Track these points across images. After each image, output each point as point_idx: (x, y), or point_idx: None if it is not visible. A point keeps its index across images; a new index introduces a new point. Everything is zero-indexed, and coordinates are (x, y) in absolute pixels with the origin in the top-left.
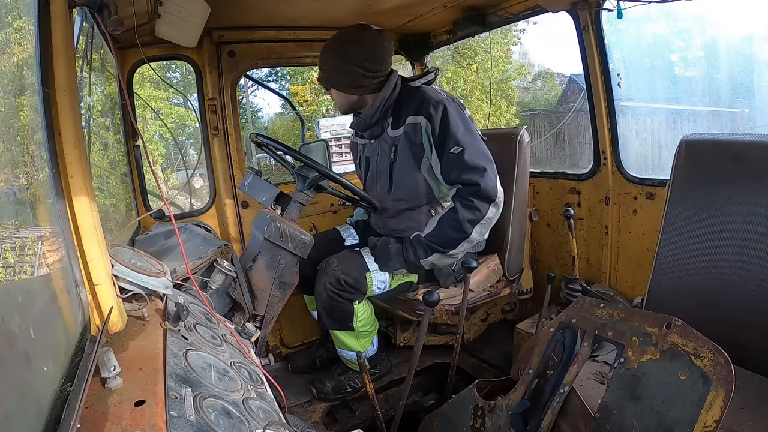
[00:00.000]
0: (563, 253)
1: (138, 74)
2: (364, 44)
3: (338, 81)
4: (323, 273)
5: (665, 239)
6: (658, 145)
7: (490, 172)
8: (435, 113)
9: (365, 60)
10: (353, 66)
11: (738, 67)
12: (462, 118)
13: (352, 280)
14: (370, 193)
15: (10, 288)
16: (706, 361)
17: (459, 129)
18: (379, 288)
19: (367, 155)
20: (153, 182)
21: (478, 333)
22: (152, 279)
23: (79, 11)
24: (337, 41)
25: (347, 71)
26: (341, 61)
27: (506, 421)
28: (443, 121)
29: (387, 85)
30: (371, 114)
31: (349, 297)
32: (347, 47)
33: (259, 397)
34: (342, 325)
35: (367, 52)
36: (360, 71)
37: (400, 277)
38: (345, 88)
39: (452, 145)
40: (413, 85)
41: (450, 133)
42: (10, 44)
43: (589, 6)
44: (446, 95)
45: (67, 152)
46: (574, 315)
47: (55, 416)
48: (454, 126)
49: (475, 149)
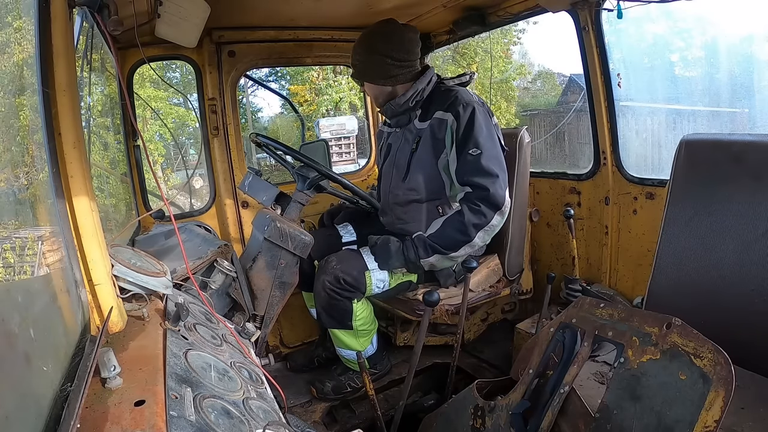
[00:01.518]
0: (563, 253)
1: (138, 74)
2: (389, 36)
3: (369, 73)
4: (322, 272)
5: (665, 239)
6: (658, 145)
7: (502, 180)
8: (463, 113)
9: (392, 50)
10: (381, 57)
11: (738, 67)
12: (487, 124)
13: (351, 278)
14: (384, 180)
15: (10, 288)
16: (706, 361)
17: (482, 133)
18: (378, 287)
19: (390, 142)
20: (153, 182)
21: (478, 333)
22: (152, 279)
23: (79, 11)
24: (364, 36)
25: (376, 62)
26: (369, 54)
27: (506, 421)
28: (469, 122)
29: (422, 78)
30: (401, 102)
31: (348, 296)
32: (374, 39)
33: (259, 397)
34: (341, 324)
35: (394, 42)
36: (388, 61)
37: (399, 276)
38: (376, 80)
39: (472, 146)
40: (448, 84)
41: (473, 135)
42: (10, 44)
43: (589, 6)
44: (477, 98)
45: (67, 152)
46: (574, 315)
47: (55, 416)
48: (478, 129)
49: (493, 155)
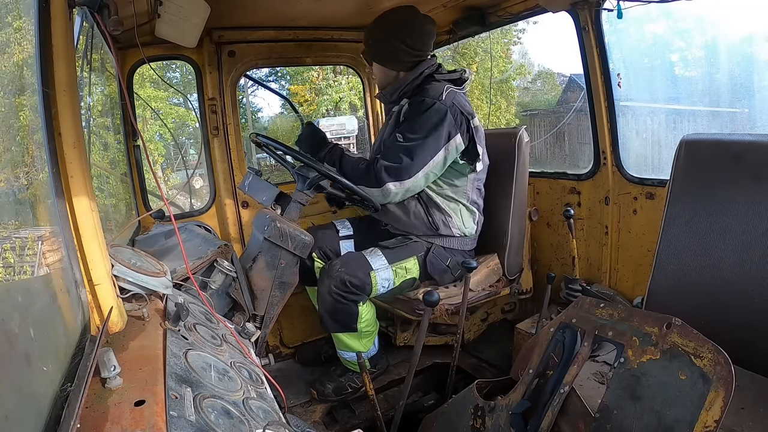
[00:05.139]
0: (563, 253)
1: (138, 74)
2: (409, 22)
3: (379, 54)
4: (326, 276)
5: (665, 239)
6: (658, 145)
7: (401, 171)
8: (418, 103)
9: (408, 36)
10: (396, 41)
11: (738, 67)
12: (434, 124)
13: (357, 281)
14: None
15: (10, 288)
16: (706, 361)
17: (417, 127)
18: (383, 286)
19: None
20: (153, 182)
21: (478, 333)
22: (152, 279)
23: (79, 11)
24: (384, 17)
25: (390, 44)
26: (385, 35)
27: (506, 421)
28: (415, 112)
29: (415, 69)
30: (391, 92)
31: (354, 299)
32: (394, 22)
33: (259, 397)
34: (346, 327)
35: (412, 29)
36: (402, 46)
37: (403, 273)
38: (385, 62)
39: (402, 131)
40: (438, 77)
41: (408, 125)
42: (10, 44)
43: (589, 6)
44: (452, 102)
45: (67, 152)
46: (574, 315)
47: (55, 416)
48: (417, 121)
49: (411, 150)
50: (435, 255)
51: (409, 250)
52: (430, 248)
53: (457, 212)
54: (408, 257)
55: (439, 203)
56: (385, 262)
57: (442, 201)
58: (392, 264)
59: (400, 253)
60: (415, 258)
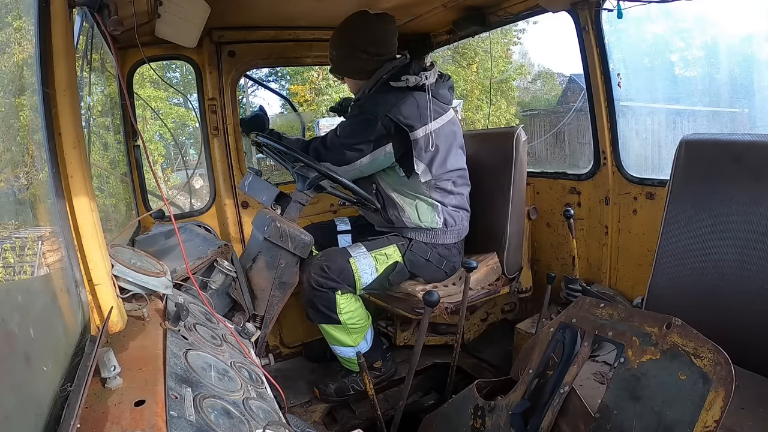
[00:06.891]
0: (563, 253)
1: (138, 74)
2: (365, 29)
3: (346, 68)
4: (307, 266)
5: (665, 239)
6: (658, 145)
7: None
8: (355, 107)
9: (368, 44)
10: (357, 51)
11: (738, 67)
12: (362, 130)
13: (336, 266)
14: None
15: (10, 288)
16: (706, 361)
17: (350, 132)
18: (366, 273)
19: None
20: (153, 182)
21: (478, 333)
22: (152, 279)
23: (79, 11)
24: (340, 29)
25: (353, 56)
26: (345, 48)
27: (506, 421)
28: (350, 114)
29: (373, 77)
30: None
31: (332, 285)
32: (350, 32)
33: (259, 397)
34: (327, 318)
35: (369, 35)
36: (363, 56)
37: (384, 259)
38: (352, 75)
39: (342, 127)
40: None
41: (345, 125)
42: (10, 44)
43: (589, 6)
44: (385, 115)
45: (67, 152)
46: (574, 315)
47: (55, 416)
48: (343, 125)
49: (341, 147)
50: (413, 250)
51: (388, 240)
52: (410, 243)
53: (412, 206)
54: (387, 245)
55: (393, 197)
56: (364, 250)
57: (396, 195)
58: (371, 251)
59: (380, 242)
60: (395, 246)
